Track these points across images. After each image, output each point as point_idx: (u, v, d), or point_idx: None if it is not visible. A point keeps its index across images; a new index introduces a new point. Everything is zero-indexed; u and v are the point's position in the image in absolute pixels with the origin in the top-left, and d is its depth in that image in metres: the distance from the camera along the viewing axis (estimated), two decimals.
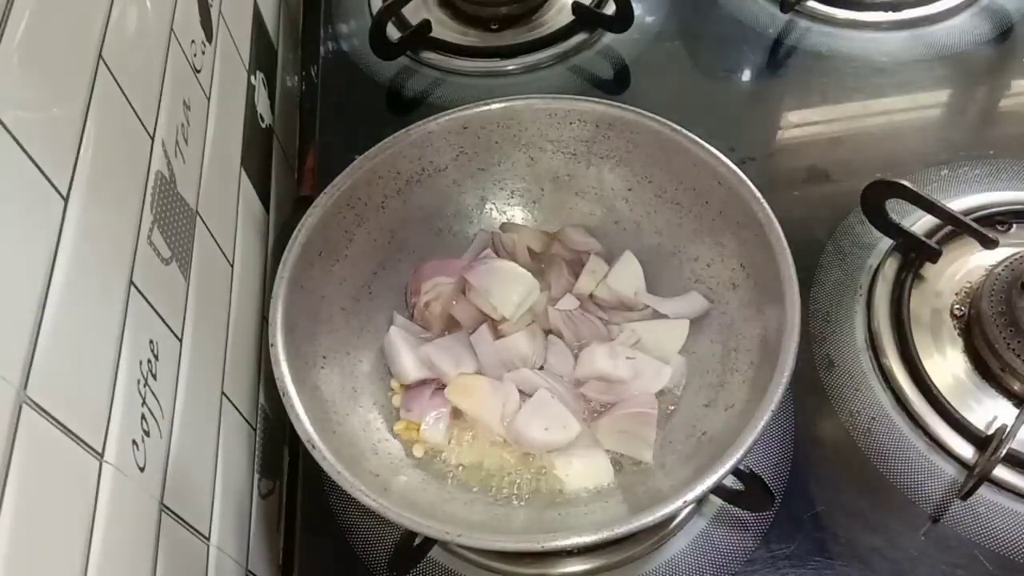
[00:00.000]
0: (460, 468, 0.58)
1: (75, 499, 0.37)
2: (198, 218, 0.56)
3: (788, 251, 0.56)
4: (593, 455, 0.57)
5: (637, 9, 0.82)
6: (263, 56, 0.78)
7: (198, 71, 0.60)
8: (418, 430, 0.59)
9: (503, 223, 0.68)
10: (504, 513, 0.55)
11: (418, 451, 0.59)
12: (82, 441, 0.38)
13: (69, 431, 0.37)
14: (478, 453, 0.59)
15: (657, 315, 0.63)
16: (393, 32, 0.85)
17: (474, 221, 0.69)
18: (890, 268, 0.68)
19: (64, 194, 0.39)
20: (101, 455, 0.40)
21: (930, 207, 0.66)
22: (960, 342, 0.65)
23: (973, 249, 0.67)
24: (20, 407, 0.34)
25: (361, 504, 0.49)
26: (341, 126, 0.81)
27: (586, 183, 0.67)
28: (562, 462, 0.57)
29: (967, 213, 0.67)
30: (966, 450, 0.60)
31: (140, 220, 0.47)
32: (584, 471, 0.56)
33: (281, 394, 0.53)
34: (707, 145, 0.61)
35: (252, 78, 0.73)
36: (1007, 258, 0.64)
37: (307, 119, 0.86)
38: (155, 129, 0.50)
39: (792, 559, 0.57)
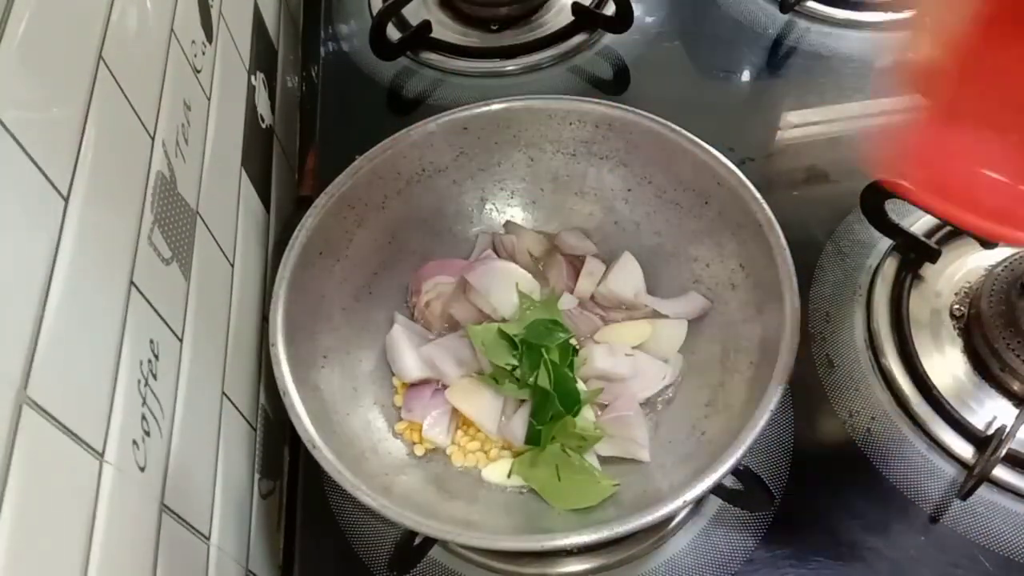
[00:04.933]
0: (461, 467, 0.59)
1: (75, 499, 0.38)
2: (198, 218, 0.56)
3: (787, 251, 0.56)
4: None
5: (637, 10, 0.82)
6: (263, 56, 0.78)
7: (198, 71, 0.60)
8: (419, 430, 0.59)
9: (506, 222, 0.68)
10: (504, 512, 0.56)
11: (420, 451, 0.59)
12: (82, 441, 0.38)
13: (69, 431, 0.37)
14: (479, 454, 0.59)
15: (656, 315, 0.63)
16: (393, 33, 0.85)
17: (474, 221, 0.69)
18: (889, 268, 0.68)
19: (64, 194, 0.39)
20: (101, 455, 0.40)
21: None
22: (960, 342, 0.65)
23: (972, 249, 0.67)
24: (20, 407, 0.34)
25: (361, 504, 0.49)
26: (341, 126, 0.81)
27: (586, 184, 0.67)
28: None
29: None
30: (966, 450, 0.60)
31: (140, 220, 0.47)
32: None
33: (281, 394, 0.53)
34: (706, 146, 0.61)
35: (252, 78, 0.74)
36: (1006, 258, 0.64)
37: (307, 119, 0.86)
38: (155, 129, 0.51)
39: (791, 559, 0.57)
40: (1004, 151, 0.36)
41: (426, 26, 0.85)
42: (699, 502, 0.59)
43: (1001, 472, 0.58)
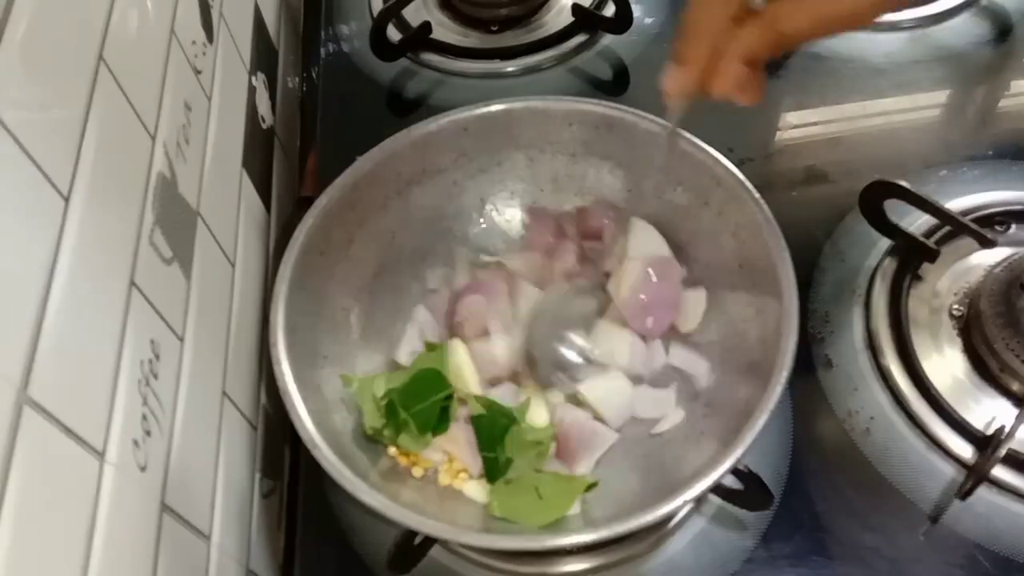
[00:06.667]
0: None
1: (76, 499, 0.38)
2: (199, 218, 0.56)
3: (787, 252, 0.56)
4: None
5: (636, 11, 0.83)
6: (264, 57, 0.78)
7: (199, 72, 0.60)
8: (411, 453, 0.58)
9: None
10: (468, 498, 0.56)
11: (417, 472, 0.58)
12: (83, 441, 0.38)
13: (70, 431, 0.37)
14: (463, 474, 0.58)
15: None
16: (394, 34, 0.86)
17: (474, 221, 0.69)
18: (889, 268, 0.68)
19: (65, 194, 0.39)
20: (102, 455, 0.40)
21: (929, 208, 0.66)
22: (959, 342, 0.65)
23: (972, 249, 0.68)
24: (21, 407, 0.34)
25: (362, 503, 0.49)
26: (342, 127, 0.81)
27: (586, 184, 0.67)
28: None
29: (965, 213, 0.67)
30: (965, 450, 0.60)
31: (141, 220, 0.47)
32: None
33: (281, 394, 0.53)
34: (706, 146, 0.61)
35: (253, 79, 0.74)
36: (1006, 258, 0.64)
37: (308, 120, 0.86)
38: (156, 130, 0.51)
39: (791, 558, 0.57)
40: None
41: (426, 27, 0.85)
42: (699, 502, 0.59)
43: (1000, 472, 0.58)
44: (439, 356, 0.60)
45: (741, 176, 0.59)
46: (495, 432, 0.56)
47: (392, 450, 0.58)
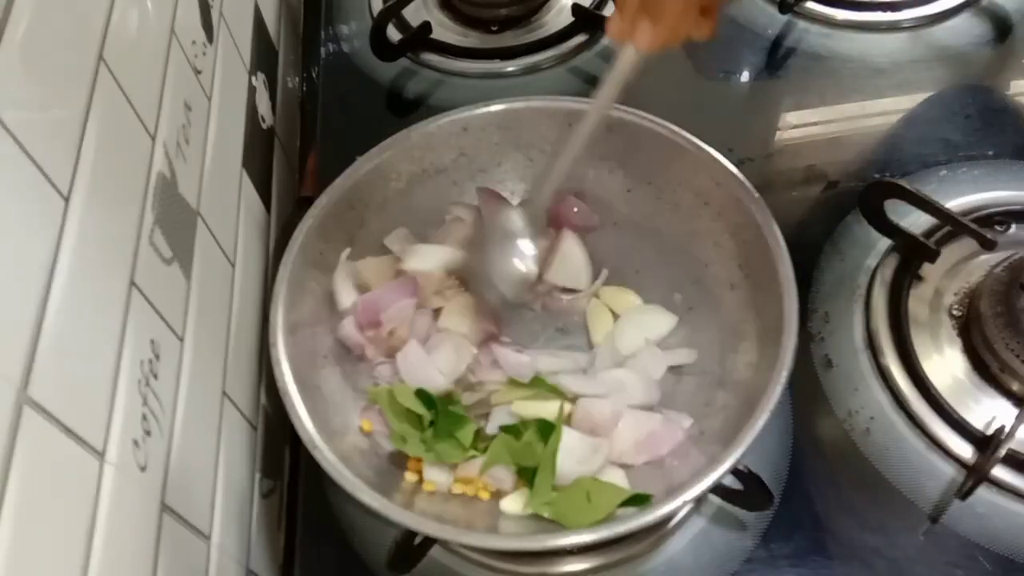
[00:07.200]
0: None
1: (76, 499, 0.38)
2: (199, 218, 0.56)
3: (787, 252, 0.56)
4: None
5: None
6: (264, 57, 0.78)
7: (199, 72, 0.60)
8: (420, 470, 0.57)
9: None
10: (503, 512, 0.56)
11: (430, 486, 0.56)
12: (83, 441, 0.38)
13: (70, 431, 0.37)
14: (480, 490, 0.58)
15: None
16: (394, 34, 0.86)
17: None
18: (888, 268, 0.68)
19: (65, 194, 0.39)
20: (102, 455, 0.40)
21: (929, 208, 0.66)
22: (959, 342, 0.65)
23: (972, 249, 0.67)
24: (21, 407, 0.34)
25: (362, 503, 0.49)
26: (342, 127, 0.81)
27: (586, 184, 0.67)
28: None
29: (966, 214, 0.67)
30: (965, 450, 0.60)
31: (141, 220, 0.47)
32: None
33: (281, 394, 0.53)
34: (706, 146, 0.61)
35: (253, 79, 0.74)
36: (1006, 258, 0.64)
37: (308, 120, 0.86)
38: (156, 130, 0.51)
39: (791, 558, 0.57)
40: None
41: (426, 27, 0.85)
42: (699, 502, 0.59)
43: (1000, 472, 0.58)
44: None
45: (741, 176, 0.59)
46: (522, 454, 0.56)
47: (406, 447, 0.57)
